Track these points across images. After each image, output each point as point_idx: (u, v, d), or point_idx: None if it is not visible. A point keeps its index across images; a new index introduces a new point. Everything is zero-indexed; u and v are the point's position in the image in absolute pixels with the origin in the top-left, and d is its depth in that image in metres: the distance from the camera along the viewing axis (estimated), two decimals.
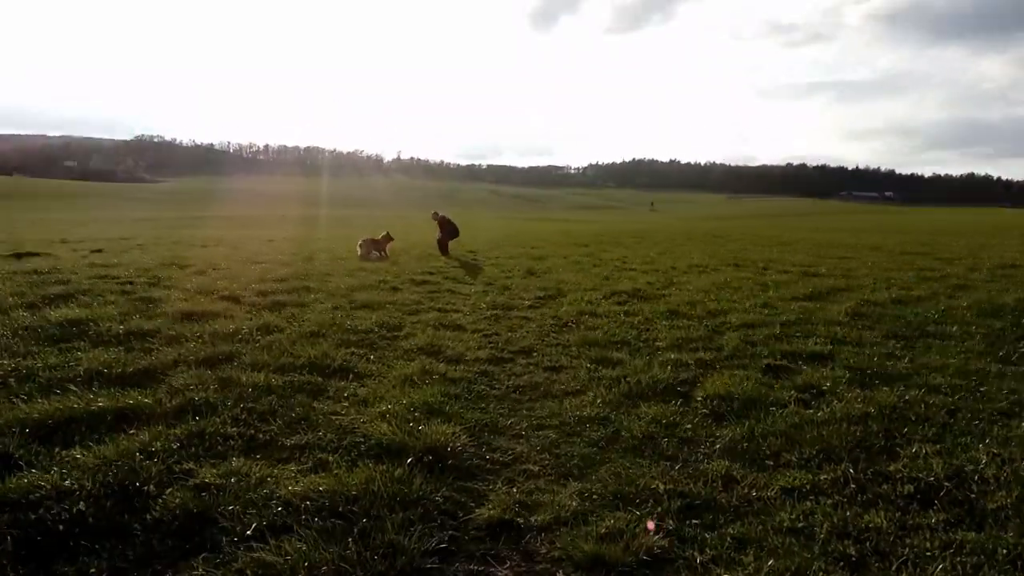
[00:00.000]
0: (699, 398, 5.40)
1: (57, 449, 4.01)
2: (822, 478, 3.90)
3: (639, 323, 8.58)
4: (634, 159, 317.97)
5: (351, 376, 5.92)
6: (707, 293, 11.31)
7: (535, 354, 7.05)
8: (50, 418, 4.41)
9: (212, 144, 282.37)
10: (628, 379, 5.87)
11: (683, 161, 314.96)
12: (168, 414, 4.65)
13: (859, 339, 7.68)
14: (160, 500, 3.51)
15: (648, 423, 4.83)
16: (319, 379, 5.75)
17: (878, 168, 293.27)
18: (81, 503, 3.40)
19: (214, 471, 3.79)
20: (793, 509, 3.61)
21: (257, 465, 3.92)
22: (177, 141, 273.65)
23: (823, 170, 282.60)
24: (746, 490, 3.85)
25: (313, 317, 8.49)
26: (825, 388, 5.63)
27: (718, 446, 4.45)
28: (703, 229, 40.99)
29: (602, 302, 10.28)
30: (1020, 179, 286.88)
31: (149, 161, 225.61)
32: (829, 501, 3.69)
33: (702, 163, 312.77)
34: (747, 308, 9.83)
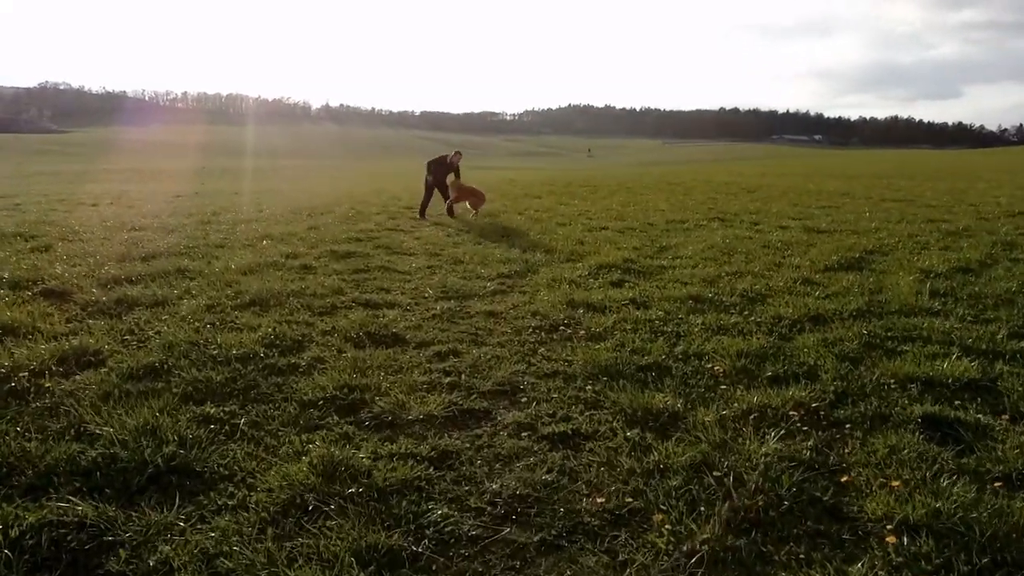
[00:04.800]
0: (881, 530, 2.72)
1: None
2: None
3: (661, 322, 5.86)
4: (570, 104, 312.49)
5: (178, 497, 2.98)
6: (717, 264, 8.72)
7: (523, 398, 4.23)
8: None
9: (125, 92, 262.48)
10: (716, 473, 3.13)
11: (618, 107, 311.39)
12: None
13: (993, 343, 5.16)
14: None
15: None
16: (110, 510, 2.81)
17: (807, 112, 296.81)
18: None
19: None
20: None
21: None
22: (86, 89, 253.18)
23: (755, 114, 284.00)
24: None
25: (167, 330, 5.45)
26: None
27: None
28: (653, 176, 38.60)
29: (592, 284, 7.52)
30: (939, 121, 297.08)
31: (55, 110, 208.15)
32: None
33: (637, 108, 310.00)
34: (786, 287, 7.29)
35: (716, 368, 4.66)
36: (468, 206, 15.09)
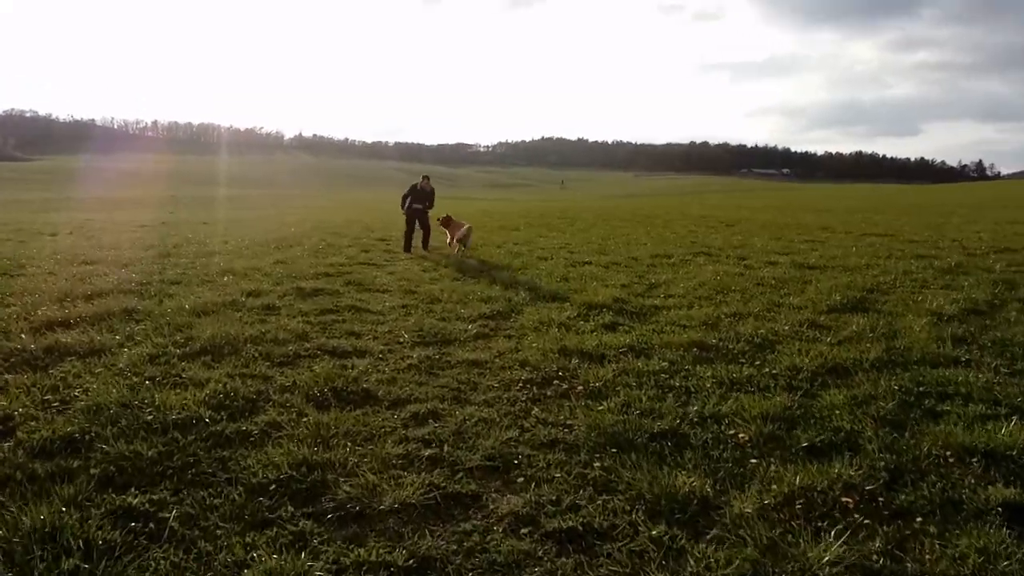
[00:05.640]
0: None
1: None
2: None
3: (667, 375, 5.20)
4: (543, 137, 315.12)
5: None
6: (713, 303, 8.15)
7: (518, 477, 3.53)
8: None
9: (94, 120, 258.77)
10: None
11: (591, 140, 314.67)
12: None
13: None
14: None
15: None
16: None
17: (775, 147, 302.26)
18: None
19: None
20: None
21: None
22: (53, 116, 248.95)
23: (725, 148, 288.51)
24: None
25: (97, 388, 4.66)
26: None
27: None
28: (627, 208, 38.39)
29: (583, 327, 6.87)
30: (901, 156, 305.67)
31: (21, 138, 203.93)
32: None
33: (609, 141, 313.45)
34: (793, 331, 6.72)
35: (741, 436, 4.01)
36: (451, 242, 14.20)
